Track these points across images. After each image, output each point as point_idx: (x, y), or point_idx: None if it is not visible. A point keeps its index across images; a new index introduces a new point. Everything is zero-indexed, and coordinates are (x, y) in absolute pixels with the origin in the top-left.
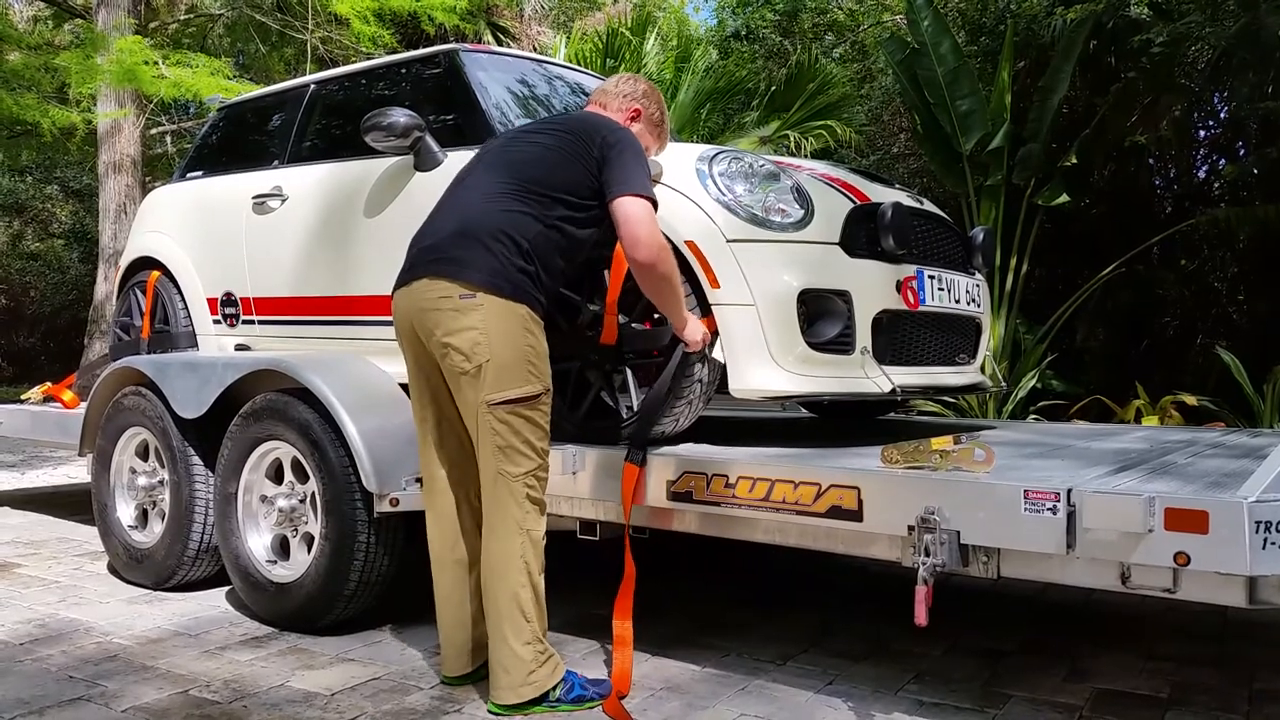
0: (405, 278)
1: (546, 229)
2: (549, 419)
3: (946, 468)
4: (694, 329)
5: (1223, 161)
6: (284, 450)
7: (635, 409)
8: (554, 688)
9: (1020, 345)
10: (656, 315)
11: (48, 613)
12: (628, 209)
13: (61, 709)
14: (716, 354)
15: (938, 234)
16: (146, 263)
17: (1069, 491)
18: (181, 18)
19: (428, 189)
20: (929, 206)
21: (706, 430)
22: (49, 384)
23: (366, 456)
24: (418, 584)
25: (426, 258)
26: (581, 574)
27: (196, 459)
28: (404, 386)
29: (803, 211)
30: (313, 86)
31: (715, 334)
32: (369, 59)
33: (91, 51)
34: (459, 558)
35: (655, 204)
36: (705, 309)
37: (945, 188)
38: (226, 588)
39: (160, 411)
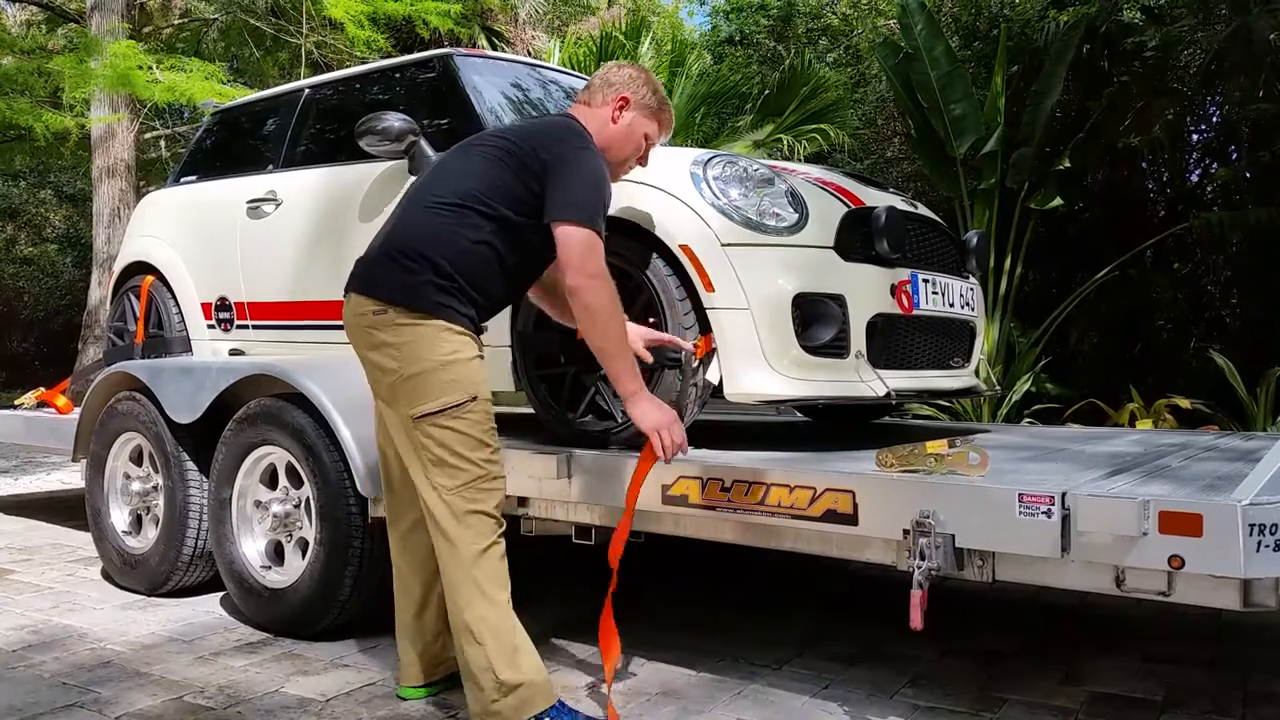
0: (345, 290)
1: (474, 244)
2: (485, 428)
3: (941, 471)
4: (646, 412)
5: (1215, 165)
6: (278, 455)
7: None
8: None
9: (1014, 349)
10: (651, 320)
11: (41, 619)
12: (563, 236)
13: (55, 716)
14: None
15: (932, 238)
16: (141, 267)
17: (1063, 495)
18: (175, 22)
19: None
20: (923, 210)
21: (701, 434)
22: (42, 389)
23: (361, 461)
24: None
25: (355, 271)
26: (578, 578)
27: (191, 464)
28: None
29: (797, 215)
30: (307, 91)
31: (713, 350)
32: (363, 63)
33: (85, 56)
34: (413, 569)
35: (599, 230)
36: (700, 314)
37: (939, 191)
38: (221, 593)
39: (154, 416)
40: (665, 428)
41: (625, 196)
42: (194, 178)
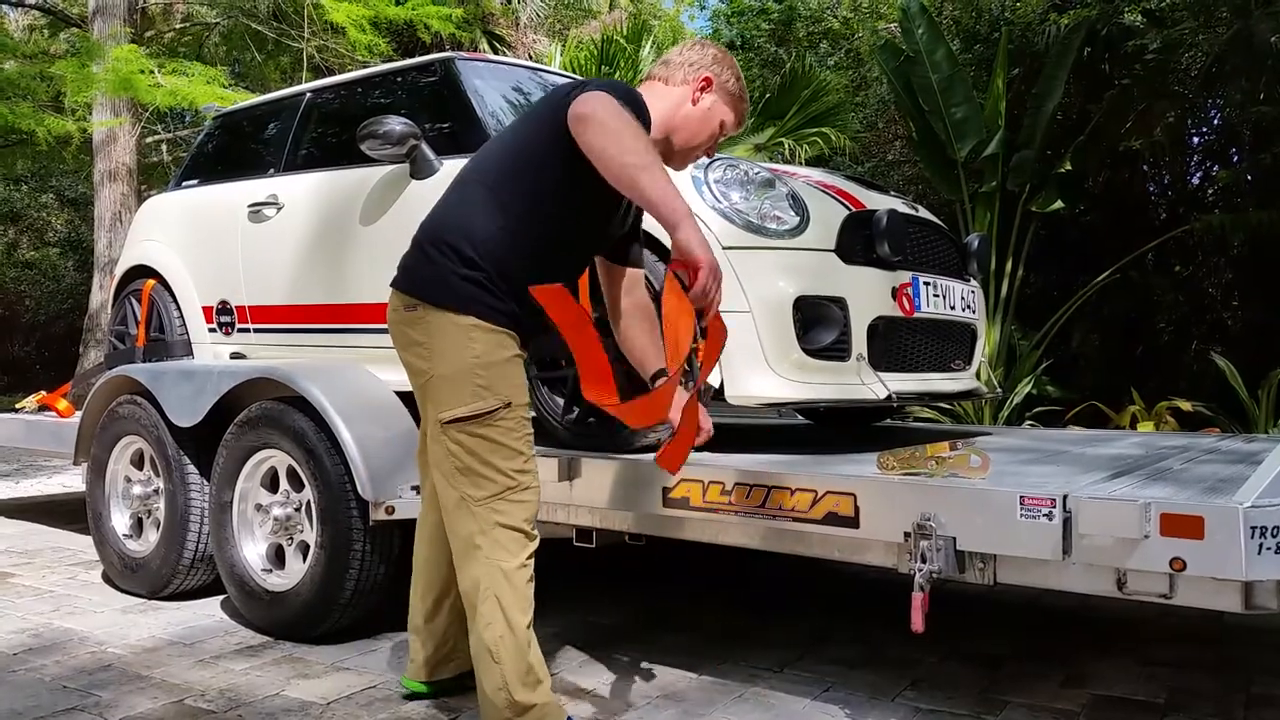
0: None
1: (501, 229)
2: (519, 435)
3: (943, 474)
4: (696, 240)
5: (1216, 167)
6: (279, 459)
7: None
8: None
9: (1015, 351)
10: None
11: (42, 622)
12: (580, 98)
13: (55, 719)
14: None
15: (933, 240)
16: (142, 271)
17: (1065, 497)
18: (177, 26)
19: (423, 197)
20: (924, 213)
21: None
22: (44, 392)
23: (362, 464)
24: None
25: (398, 265)
26: (578, 581)
27: (192, 467)
28: (400, 394)
29: (798, 218)
30: (308, 95)
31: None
32: (365, 67)
33: (87, 60)
34: (433, 574)
35: (623, 105)
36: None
37: (940, 194)
38: (221, 597)
39: (155, 420)
40: (714, 269)
41: None
42: (195, 182)
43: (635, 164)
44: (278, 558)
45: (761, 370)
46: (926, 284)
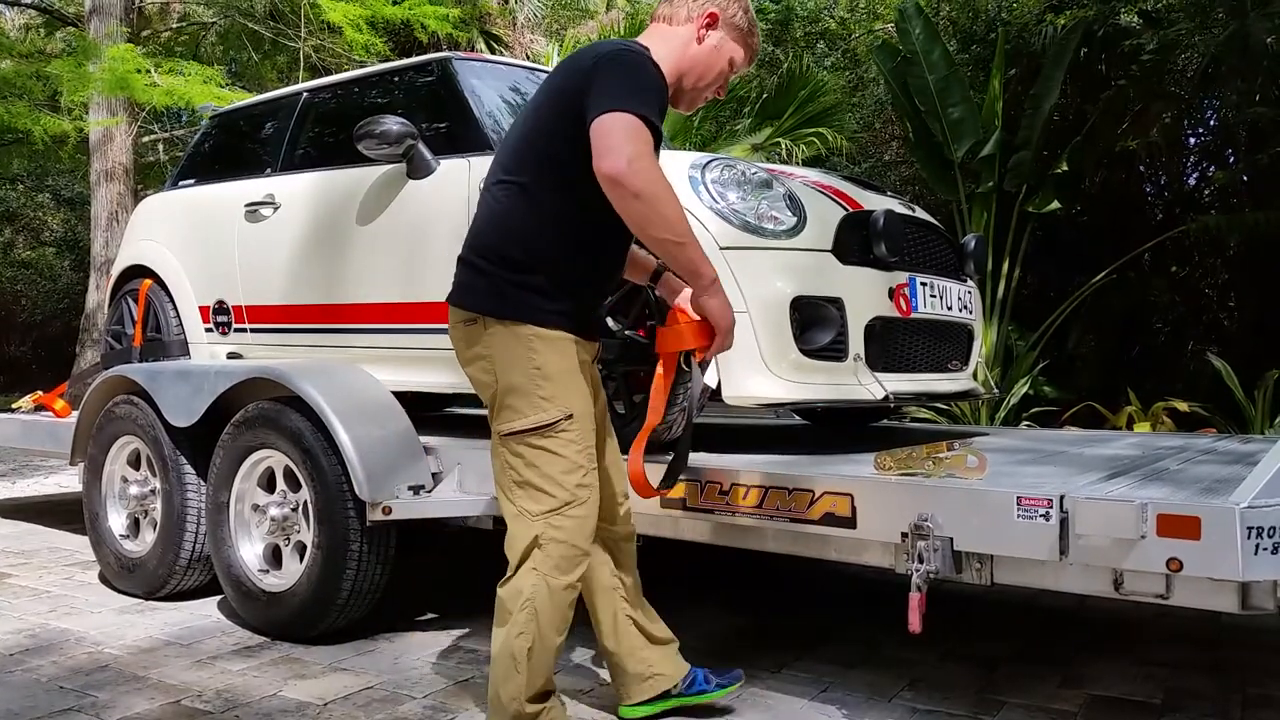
0: None
1: (542, 225)
2: (580, 448)
3: (940, 474)
4: (725, 308)
5: (1213, 168)
6: (276, 459)
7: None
8: None
9: (1012, 352)
10: (650, 323)
11: (38, 623)
12: (597, 125)
13: None
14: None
15: (930, 241)
16: (138, 271)
17: (1061, 498)
18: (174, 26)
19: (420, 197)
20: (921, 214)
21: (699, 438)
22: (40, 392)
23: (359, 465)
24: (411, 593)
25: (452, 282)
26: None
27: (188, 468)
28: (397, 395)
29: (795, 219)
30: (305, 95)
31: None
32: (362, 67)
33: (83, 59)
34: (591, 592)
35: (654, 128)
36: None
37: (937, 195)
38: (218, 597)
39: (152, 420)
40: (730, 333)
41: None
42: (192, 181)
43: (673, 241)
44: (275, 558)
45: (759, 371)
46: (923, 284)
